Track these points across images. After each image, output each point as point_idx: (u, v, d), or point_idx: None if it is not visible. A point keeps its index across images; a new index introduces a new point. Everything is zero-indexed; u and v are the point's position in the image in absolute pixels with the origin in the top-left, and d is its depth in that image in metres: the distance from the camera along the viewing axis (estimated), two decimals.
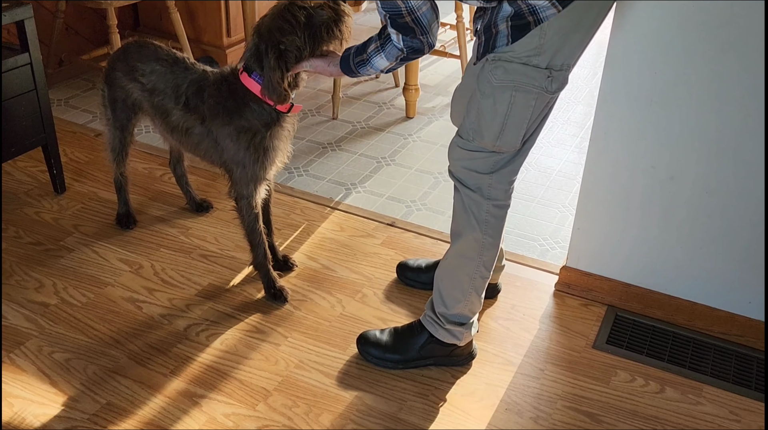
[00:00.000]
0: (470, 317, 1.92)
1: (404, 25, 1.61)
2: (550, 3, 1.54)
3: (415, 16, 1.59)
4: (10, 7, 2.31)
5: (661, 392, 1.95)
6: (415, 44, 1.65)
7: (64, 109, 3.27)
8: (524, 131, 1.70)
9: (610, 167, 2.08)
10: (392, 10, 1.59)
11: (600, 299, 2.25)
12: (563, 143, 3.23)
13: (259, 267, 2.19)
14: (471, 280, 1.86)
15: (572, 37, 1.60)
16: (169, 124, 2.12)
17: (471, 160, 1.75)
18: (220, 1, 3.56)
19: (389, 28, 1.65)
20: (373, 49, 1.74)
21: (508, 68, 1.62)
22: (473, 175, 1.76)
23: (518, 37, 1.58)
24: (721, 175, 1.96)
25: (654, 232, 2.11)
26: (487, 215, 1.79)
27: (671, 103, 1.93)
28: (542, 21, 1.56)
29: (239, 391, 1.89)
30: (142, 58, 2.14)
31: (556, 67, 1.62)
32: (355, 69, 1.80)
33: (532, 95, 1.64)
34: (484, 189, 1.76)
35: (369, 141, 3.17)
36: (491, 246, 1.84)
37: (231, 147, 2.02)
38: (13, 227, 2.47)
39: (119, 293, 2.20)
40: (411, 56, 1.70)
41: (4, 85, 2.34)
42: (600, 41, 1.89)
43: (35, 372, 1.91)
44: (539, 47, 1.58)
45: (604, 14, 1.63)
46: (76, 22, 3.52)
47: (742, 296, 2.07)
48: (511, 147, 1.72)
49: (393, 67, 1.76)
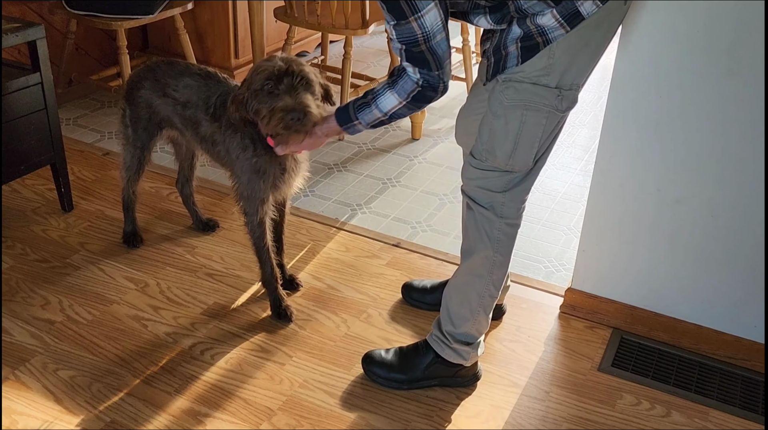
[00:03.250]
0: (477, 337, 1.92)
1: (420, 56, 1.59)
2: (558, 24, 1.56)
3: (430, 44, 1.57)
4: (22, 28, 2.34)
5: (667, 415, 1.94)
6: (431, 78, 1.62)
7: (73, 128, 3.30)
8: (536, 150, 1.71)
9: (616, 190, 2.09)
10: (408, 38, 1.56)
11: (605, 321, 2.25)
12: (568, 166, 3.24)
13: (267, 284, 2.20)
14: (480, 298, 1.86)
15: (580, 57, 1.62)
16: (199, 134, 2.15)
17: (485, 179, 1.76)
18: (229, 23, 3.60)
19: (404, 63, 1.63)
20: (381, 86, 1.70)
21: (519, 88, 1.64)
22: (487, 194, 1.77)
23: (528, 58, 1.60)
24: (726, 198, 1.96)
25: (659, 255, 2.11)
26: (499, 233, 1.80)
27: (676, 126, 1.94)
28: (551, 41, 1.58)
29: (243, 410, 1.89)
30: (175, 74, 2.18)
31: (566, 86, 1.64)
32: (354, 115, 1.75)
33: (542, 114, 1.66)
34: (497, 207, 1.77)
35: (375, 162, 3.19)
36: (501, 265, 1.84)
37: (237, 159, 2.05)
38: (20, 244, 2.48)
39: (125, 311, 2.21)
40: (426, 93, 1.65)
41: (15, 105, 2.36)
42: (605, 65, 1.91)
43: (40, 389, 1.91)
44: (548, 67, 1.60)
45: (612, 34, 1.65)
46: (86, 42, 3.56)
47: (747, 319, 2.07)
48: (523, 166, 1.73)
49: (400, 109, 1.70)
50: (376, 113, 1.73)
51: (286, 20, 3.24)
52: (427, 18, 1.53)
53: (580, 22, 1.57)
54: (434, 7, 1.52)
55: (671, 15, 1.83)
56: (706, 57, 1.83)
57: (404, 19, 1.53)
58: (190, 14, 3.59)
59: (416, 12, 1.52)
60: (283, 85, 1.82)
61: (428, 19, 1.53)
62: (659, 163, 2.00)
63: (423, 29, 1.54)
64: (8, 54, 3.07)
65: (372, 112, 1.73)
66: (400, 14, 1.53)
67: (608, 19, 1.61)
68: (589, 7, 1.56)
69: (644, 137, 1.99)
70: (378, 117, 1.73)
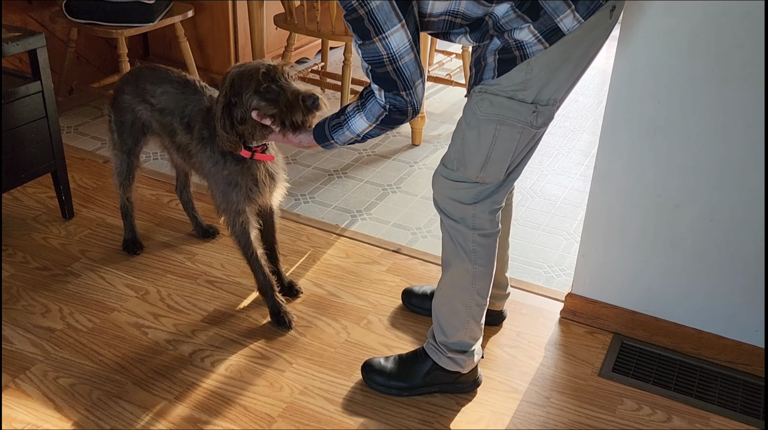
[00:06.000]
0: (472, 344, 1.91)
1: (386, 77, 1.55)
2: (536, 39, 1.54)
3: (397, 65, 1.53)
4: (23, 36, 2.35)
5: (668, 421, 1.94)
6: (398, 102, 1.59)
7: (74, 136, 3.31)
8: (508, 164, 1.69)
9: (615, 195, 2.09)
10: (373, 58, 1.53)
11: (606, 326, 2.25)
12: (568, 171, 3.25)
13: (263, 292, 2.20)
14: (467, 308, 1.85)
15: (559, 73, 1.59)
16: (175, 143, 2.17)
17: (455, 190, 1.73)
18: (229, 31, 3.61)
19: (372, 84, 1.60)
20: (352, 108, 1.69)
21: (494, 101, 1.61)
22: (457, 206, 1.74)
23: (504, 71, 1.58)
24: (726, 203, 1.96)
25: (660, 259, 2.11)
26: (474, 244, 1.77)
27: (675, 131, 1.95)
28: (529, 56, 1.55)
29: (243, 417, 1.89)
30: (154, 80, 2.19)
31: (542, 101, 1.61)
32: (329, 134, 1.75)
33: (516, 129, 1.63)
34: (468, 219, 1.75)
35: (375, 168, 3.19)
36: (483, 274, 1.82)
37: (210, 173, 2.08)
38: (21, 252, 2.49)
39: (125, 319, 2.21)
40: (393, 116, 1.63)
41: (16, 113, 2.37)
42: (604, 70, 1.91)
43: (40, 397, 1.91)
44: (525, 82, 1.58)
45: (596, 48, 1.62)
46: (87, 51, 3.57)
47: (748, 324, 2.06)
48: (494, 179, 1.71)
49: (371, 131, 1.69)
50: (348, 134, 1.72)
51: (286, 27, 3.25)
52: (393, 39, 1.49)
53: (559, 38, 1.54)
54: (401, 29, 1.49)
55: (670, 20, 1.83)
56: (705, 62, 1.84)
57: (368, 39, 1.50)
58: (191, 22, 3.60)
59: (381, 33, 1.48)
60: (281, 81, 1.84)
61: (394, 40, 1.50)
62: (659, 168, 2.00)
63: (388, 50, 1.51)
64: (9, 62, 3.08)
65: (345, 133, 1.73)
66: (365, 34, 1.50)
67: (592, 35, 1.58)
68: (570, 24, 1.53)
69: (644, 142, 1.99)
70: (351, 137, 1.73)
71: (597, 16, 1.55)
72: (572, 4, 1.52)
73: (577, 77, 1.66)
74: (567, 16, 1.52)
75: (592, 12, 1.53)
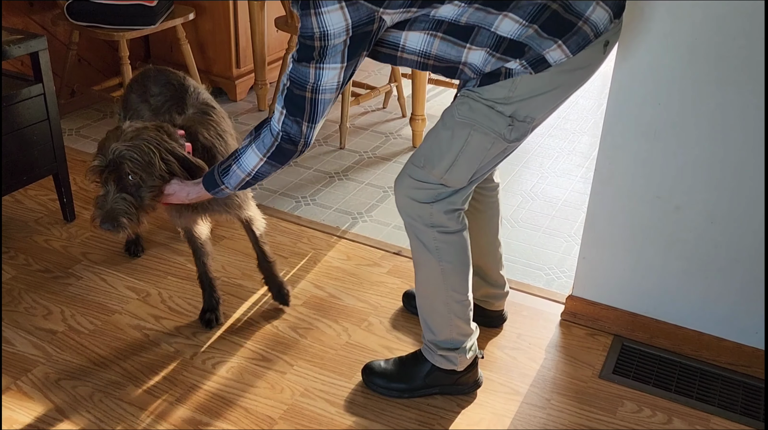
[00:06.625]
0: (462, 341, 1.90)
1: (299, 101, 1.55)
2: (522, 67, 1.53)
3: (316, 96, 1.54)
4: (24, 39, 2.36)
5: (668, 422, 1.94)
6: (293, 130, 1.59)
7: (75, 139, 3.32)
8: (474, 171, 1.68)
9: (616, 197, 2.09)
10: (299, 78, 1.53)
11: (606, 328, 2.25)
12: (569, 173, 3.25)
13: (201, 287, 2.23)
14: (446, 306, 1.84)
15: (544, 96, 1.58)
16: None
17: (415, 190, 1.72)
18: (230, 33, 3.62)
19: (277, 104, 1.60)
20: (244, 144, 1.68)
21: (473, 107, 1.61)
22: (414, 204, 1.73)
23: (487, 83, 1.58)
24: (726, 205, 1.97)
25: (660, 261, 2.11)
26: (435, 242, 1.76)
27: (675, 134, 1.95)
28: (513, 75, 1.55)
29: (244, 419, 1.89)
30: (156, 81, 2.19)
31: (520, 117, 1.60)
32: (220, 179, 1.72)
33: (488, 139, 1.62)
34: (426, 217, 1.73)
35: (376, 170, 3.19)
36: (453, 271, 1.80)
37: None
38: (23, 254, 2.49)
39: (126, 321, 2.21)
40: (283, 146, 1.62)
41: (17, 115, 2.38)
42: (604, 73, 1.91)
43: (41, 399, 1.92)
44: (507, 98, 1.57)
45: (588, 74, 1.61)
46: (89, 53, 3.58)
47: (749, 326, 2.07)
48: (458, 183, 1.70)
49: (262, 167, 1.66)
50: (239, 174, 1.70)
51: (287, 30, 3.26)
52: (326, 73, 1.51)
53: (546, 68, 1.53)
54: (338, 69, 1.51)
55: (670, 22, 1.83)
56: (705, 63, 1.84)
57: (306, 61, 1.50)
58: (192, 24, 3.61)
59: (321, 62, 1.49)
60: (108, 186, 1.78)
61: (327, 74, 1.51)
62: (659, 170, 2.01)
63: (317, 79, 1.52)
64: (11, 65, 3.09)
65: (235, 173, 1.70)
66: (306, 55, 1.50)
67: (583, 65, 1.57)
68: (557, 56, 1.52)
69: (644, 144, 1.99)
70: (242, 178, 1.70)
71: (589, 51, 1.54)
72: (559, 40, 1.50)
73: (562, 101, 1.65)
74: (554, 50, 1.51)
75: (582, 47, 1.53)
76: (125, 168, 1.76)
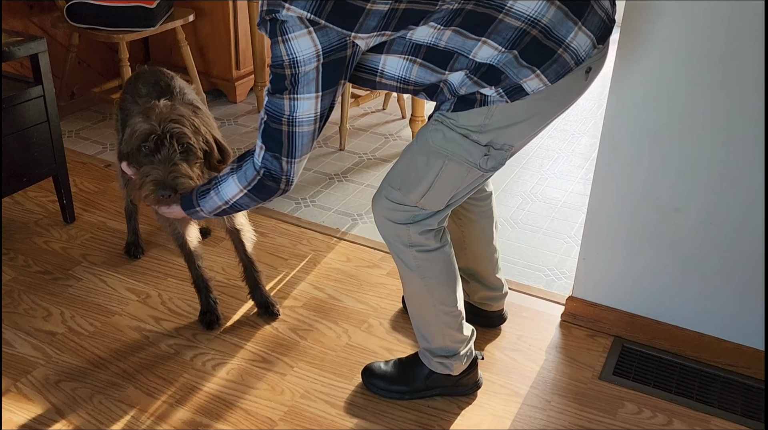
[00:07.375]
0: (457, 348, 1.89)
1: (276, 135, 1.51)
2: (498, 95, 1.50)
3: (293, 129, 1.49)
4: (24, 41, 2.36)
5: (668, 424, 1.94)
6: (274, 167, 1.55)
7: (75, 141, 3.32)
8: (451, 196, 1.66)
9: (615, 198, 2.10)
10: (275, 112, 1.49)
11: (606, 329, 2.25)
12: (568, 175, 3.25)
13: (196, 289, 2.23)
14: (436, 317, 1.82)
15: (521, 125, 1.55)
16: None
17: (392, 211, 1.70)
18: (230, 35, 3.62)
19: (257, 140, 1.56)
20: (226, 172, 1.64)
21: (447, 136, 1.57)
22: (390, 225, 1.71)
23: (462, 109, 1.54)
24: (726, 206, 1.97)
25: (660, 263, 2.11)
26: (416, 260, 1.73)
27: (675, 135, 1.95)
28: (488, 103, 1.51)
29: (245, 421, 1.89)
30: (145, 82, 2.19)
31: (497, 145, 1.57)
32: (196, 202, 1.69)
33: (464, 168, 1.59)
34: (404, 238, 1.71)
35: (375, 172, 3.20)
36: (438, 286, 1.78)
37: None
38: (23, 255, 2.49)
39: (126, 322, 2.21)
40: (265, 183, 1.57)
41: (17, 117, 2.38)
42: (604, 75, 1.91)
43: (41, 401, 1.92)
44: (483, 126, 1.54)
45: (565, 106, 1.58)
46: (89, 55, 3.58)
47: (749, 327, 2.07)
48: (434, 207, 1.67)
49: (241, 199, 1.62)
50: (216, 201, 1.66)
51: None
52: (301, 104, 1.46)
53: (522, 97, 1.49)
54: (313, 99, 1.46)
55: (669, 24, 1.84)
56: (705, 65, 1.84)
57: (280, 92, 1.46)
58: (192, 26, 3.61)
59: (294, 93, 1.45)
60: (161, 153, 1.76)
61: (302, 105, 1.47)
62: (658, 172, 2.01)
63: (292, 110, 1.48)
64: (11, 67, 3.09)
65: (212, 199, 1.66)
66: (279, 86, 1.46)
67: (562, 92, 1.53)
68: (535, 85, 1.48)
69: (643, 146, 2.00)
70: (219, 205, 1.67)
71: (569, 78, 1.50)
72: (537, 69, 1.47)
73: (542, 128, 1.62)
74: (531, 79, 1.48)
75: (562, 76, 1.49)
76: (178, 135, 1.74)
